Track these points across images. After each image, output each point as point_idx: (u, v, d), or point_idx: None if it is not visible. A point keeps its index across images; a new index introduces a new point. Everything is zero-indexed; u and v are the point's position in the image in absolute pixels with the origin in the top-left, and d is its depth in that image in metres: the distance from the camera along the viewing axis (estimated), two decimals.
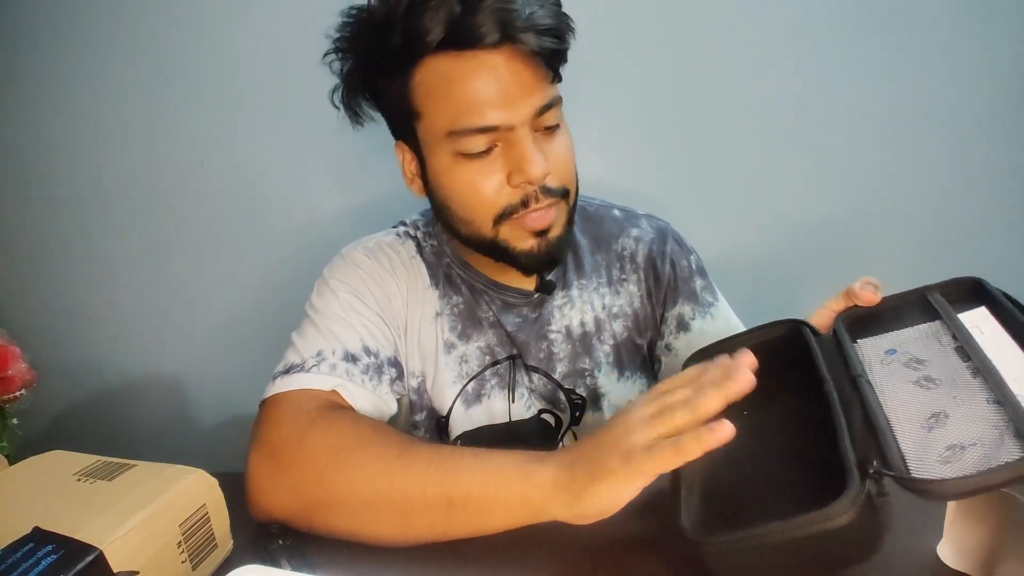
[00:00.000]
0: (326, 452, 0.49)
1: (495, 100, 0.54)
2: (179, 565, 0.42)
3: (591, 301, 0.70)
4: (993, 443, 0.34)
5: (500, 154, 0.56)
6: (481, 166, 0.56)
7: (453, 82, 0.54)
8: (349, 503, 0.47)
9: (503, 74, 0.53)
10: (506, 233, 0.59)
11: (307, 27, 0.90)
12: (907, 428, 0.38)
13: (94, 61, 0.93)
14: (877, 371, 0.43)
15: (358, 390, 0.58)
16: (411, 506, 0.46)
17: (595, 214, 0.73)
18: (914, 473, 0.34)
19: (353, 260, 0.66)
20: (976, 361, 0.39)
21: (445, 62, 0.54)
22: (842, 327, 0.48)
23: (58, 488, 0.44)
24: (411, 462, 0.47)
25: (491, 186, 0.57)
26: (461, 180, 0.57)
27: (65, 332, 1.04)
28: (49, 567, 0.35)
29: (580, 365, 0.69)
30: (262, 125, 0.96)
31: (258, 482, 0.50)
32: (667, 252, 0.70)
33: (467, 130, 0.54)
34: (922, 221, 0.97)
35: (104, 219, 1.00)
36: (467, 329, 0.67)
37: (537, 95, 0.55)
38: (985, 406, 0.36)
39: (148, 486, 0.43)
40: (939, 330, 0.44)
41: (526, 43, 0.52)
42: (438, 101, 0.55)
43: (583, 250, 0.71)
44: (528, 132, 0.55)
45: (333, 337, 0.60)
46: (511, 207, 0.57)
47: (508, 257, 0.60)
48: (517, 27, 0.52)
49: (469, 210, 0.58)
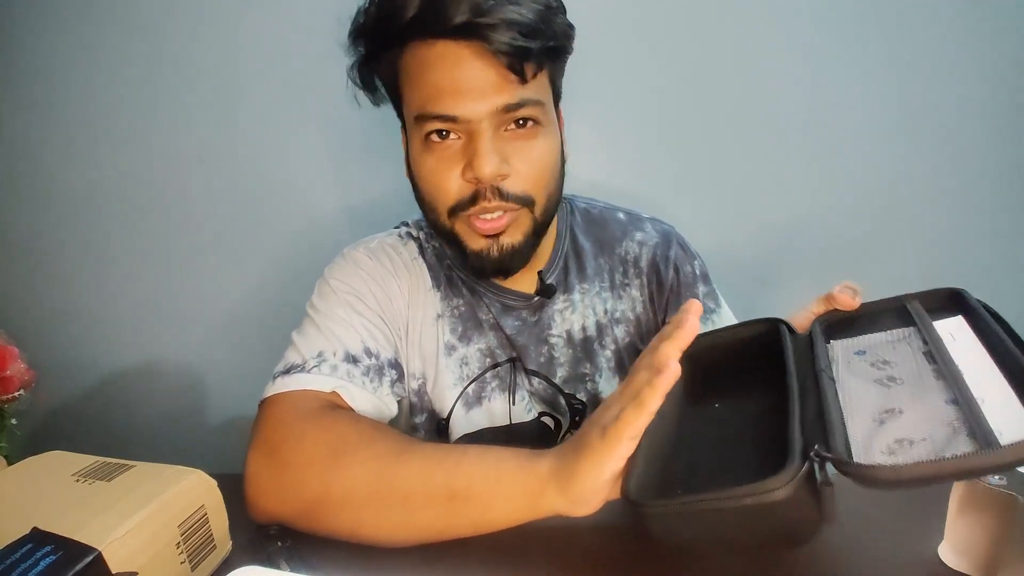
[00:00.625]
0: (326, 451, 0.49)
1: (457, 91, 0.54)
2: (178, 566, 0.42)
3: (593, 306, 0.69)
4: (943, 440, 0.34)
5: (461, 146, 0.56)
6: (442, 155, 0.57)
7: (423, 67, 0.55)
8: (350, 502, 0.47)
9: (468, 67, 0.54)
10: (459, 228, 0.59)
11: (307, 23, 0.91)
12: (859, 420, 0.39)
13: (92, 59, 0.93)
14: (843, 368, 0.45)
15: (359, 392, 0.57)
16: (413, 501, 0.46)
17: (599, 217, 0.73)
18: (855, 459, 0.35)
19: (355, 260, 0.66)
20: (941, 364, 0.40)
21: (421, 48, 0.55)
22: (818, 328, 0.49)
23: (57, 489, 0.44)
24: (412, 458, 0.47)
25: (448, 176, 0.57)
26: (425, 166, 0.58)
27: (64, 332, 1.03)
28: (48, 568, 0.35)
29: (581, 370, 0.68)
30: (262, 124, 0.95)
31: (257, 483, 0.50)
32: (671, 257, 0.70)
33: (429, 115, 0.55)
34: (925, 223, 0.97)
35: (103, 218, 0.99)
36: (468, 331, 0.67)
37: (503, 94, 0.54)
38: (942, 406, 0.37)
39: (147, 487, 0.43)
40: (911, 335, 0.45)
41: (492, 39, 0.52)
42: (413, 85, 0.57)
43: (586, 254, 0.70)
44: (488, 129, 0.55)
45: (334, 338, 0.59)
46: (462, 201, 0.57)
47: (461, 254, 0.61)
48: (486, 19, 0.52)
49: (430, 197, 0.59)
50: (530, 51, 0.53)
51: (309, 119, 0.95)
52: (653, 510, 0.38)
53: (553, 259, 0.69)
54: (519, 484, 0.44)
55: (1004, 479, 0.40)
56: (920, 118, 0.93)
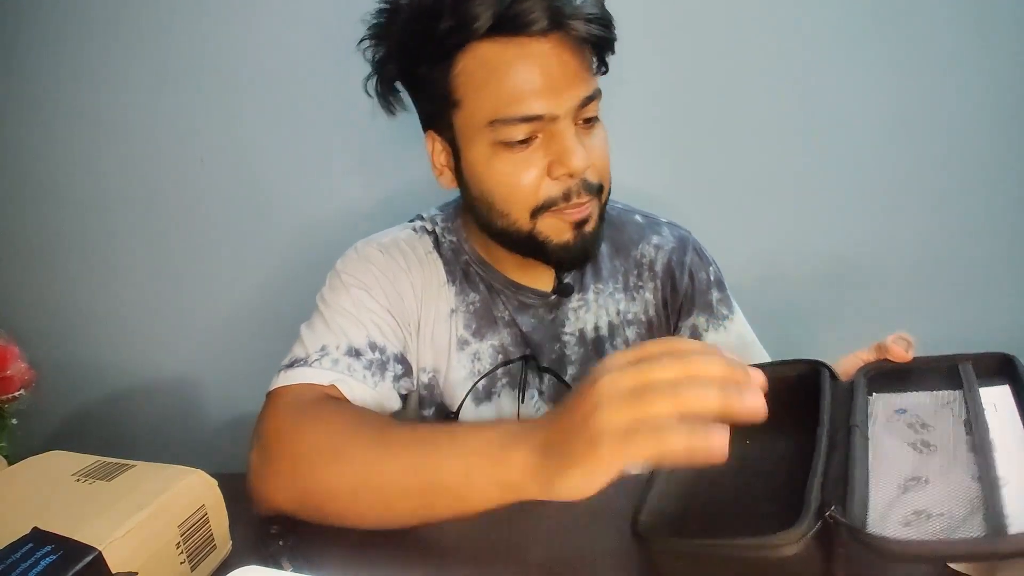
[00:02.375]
0: (315, 444, 0.49)
1: (541, 89, 0.53)
2: (178, 566, 0.42)
3: (607, 306, 0.69)
4: (960, 518, 0.33)
5: (541, 145, 0.56)
6: (521, 157, 0.56)
7: (498, 70, 0.54)
8: (335, 496, 0.47)
9: (550, 62, 0.53)
10: (544, 226, 0.58)
11: (310, 23, 0.91)
12: (884, 484, 0.37)
13: (93, 57, 0.93)
14: (880, 425, 0.43)
15: (358, 385, 0.58)
16: (392, 494, 0.46)
17: (617, 219, 0.73)
18: (869, 528, 0.34)
19: (366, 256, 0.66)
20: (977, 436, 0.38)
21: (491, 49, 0.54)
22: (862, 378, 0.47)
23: (57, 488, 0.44)
24: (389, 450, 0.47)
25: (531, 177, 0.56)
26: (500, 171, 0.57)
27: (65, 332, 1.03)
28: (48, 568, 0.35)
29: (591, 368, 0.68)
30: (263, 123, 0.95)
31: (256, 473, 0.51)
32: (686, 263, 0.70)
33: (510, 119, 0.54)
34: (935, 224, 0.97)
35: (104, 218, 0.99)
36: (481, 327, 0.67)
37: (583, 85, 0.55)
38: (968, 481, 0.36)
39: (147, 486, 0.43)
40: (956, 400, 0.43)
41: (576, 30, 0.52)
42: (481, 89, 0.55)
43: (602, 254, 0.70)
44: (571, 124, 0.55)
45: (340, 331, 0.60)
46: (551, 200, 0.57)
47: (543, 251, 0.60)
48: (566, 14, 0.52)
49: (507, 202, 0.58)
50: (607, 38, 0.55)
51: (310, 118, 0.95)
52: (660, 547, 0.38)
53: None
54: (490, 478, 0.42)
55: None
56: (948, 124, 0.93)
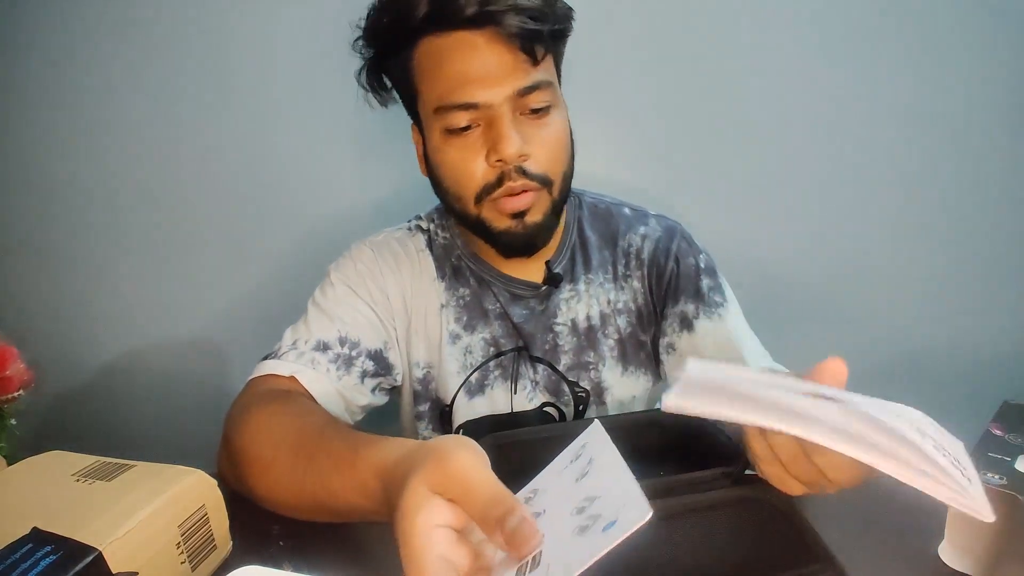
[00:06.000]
0: (245, 449, 0.51)
1: (476, 78, 0.56)
2: (178, 566, 0.42)
3: (597, 296, 0.71)
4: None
5: (481, 133, 0.58)
6: (464, 144, 0.59)
7: (441, 60, 0.57)
8: (263, 498, 0.50)
9: (484, 53, 0.56)
10: (486, 212, 0.61)
11: (310, 21, 0.91)
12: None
13: (92, 57, 0.93)
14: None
15: (321, 377, 0.60)
16: (300, 505, 0.47)
17: (605, 211, 0.75)
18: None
19: (357, 254, 0.69)
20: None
21: (435, 42, 0.57)
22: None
23: (57, 489, 0.44)
24: (296, 468, 0.47)
25: (472, 164, 0.59)
26: (448, 156, 0.60)
27: (64, 332, 1.03)
28: (48, 568, 0.35)
29: (584, 358, 0.70)
30: (263, 123, 0.95)
31: (219, 458, 0.56)
32: (672, 249, 0.71)
33: (450, 106, 0.57)
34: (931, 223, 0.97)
35: (104, 218, 0.99)
36: (472, 320, 0.69)
37: (519, 76, 0.57)
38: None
39: (147, 487, 0.43)
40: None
41: (505, 24, 0.54)
42: (429, 79, 0.59)
43: (591, 245, 0.72)
44: (508, 112, 0.57)
45: (314, 326, 0.63)
46: (489, 185, 0.60)
47: (491, 236, 0.63)
48: (497, 6, 0.54)
49: (456, 187, 0.61)
50: (540, 33, 0.56)
51: (310, 119, 0.95)
52: None
53: (560, 250, 0.71)
54: (354, 504, 0.41)
55: (1004, 479, 0.40)
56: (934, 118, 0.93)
